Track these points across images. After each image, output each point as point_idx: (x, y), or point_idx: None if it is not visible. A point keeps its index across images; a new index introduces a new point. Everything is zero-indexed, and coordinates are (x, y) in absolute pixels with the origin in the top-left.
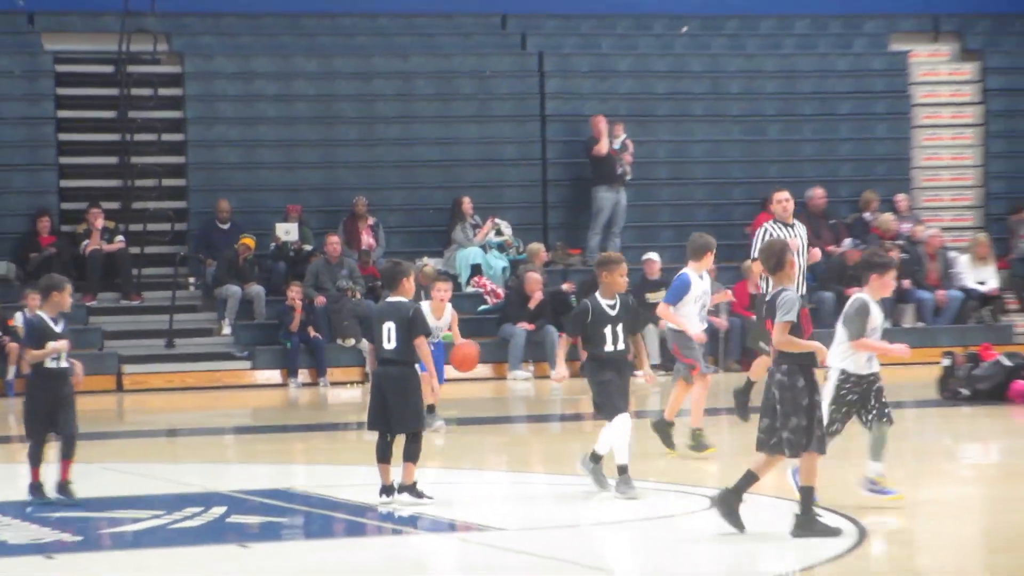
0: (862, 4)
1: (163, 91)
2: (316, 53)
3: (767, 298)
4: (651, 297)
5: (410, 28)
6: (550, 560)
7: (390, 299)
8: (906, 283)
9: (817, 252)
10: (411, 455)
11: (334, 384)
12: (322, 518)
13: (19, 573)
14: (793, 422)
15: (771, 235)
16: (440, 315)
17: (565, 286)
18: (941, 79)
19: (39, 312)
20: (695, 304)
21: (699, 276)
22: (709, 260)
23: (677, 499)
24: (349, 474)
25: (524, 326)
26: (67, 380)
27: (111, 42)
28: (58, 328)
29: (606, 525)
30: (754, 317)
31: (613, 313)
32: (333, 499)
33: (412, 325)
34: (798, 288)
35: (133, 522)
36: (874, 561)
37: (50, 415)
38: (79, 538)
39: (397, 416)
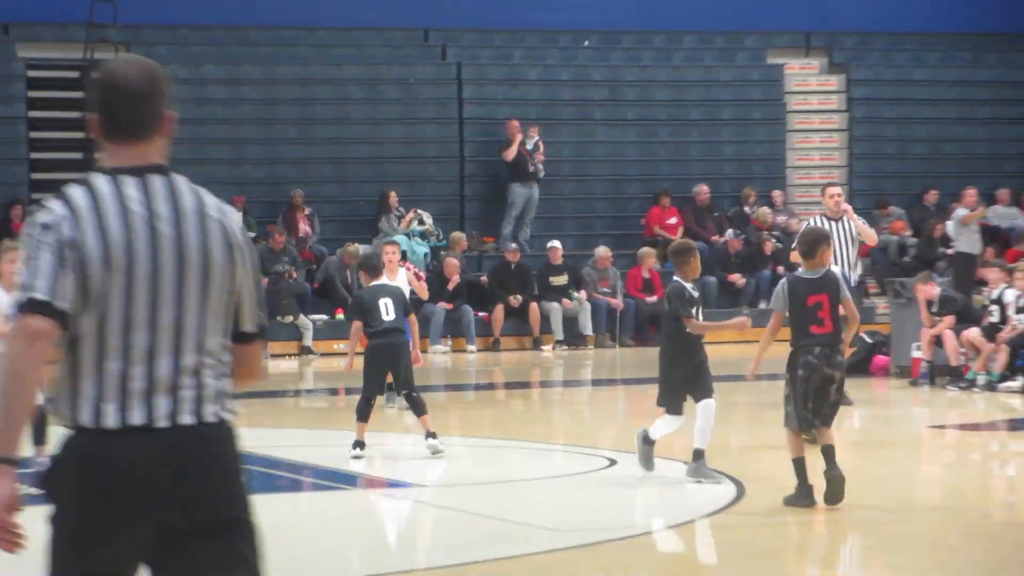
0: (742, 22)
1: None
2: (260, 61)
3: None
4: (554, 281)
5: (344, 40)
6: (469, 514)
7: (376, 283)
8: (780, 269)
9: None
10: (421, 409)
11: (274, 356)
12: (263, 475)
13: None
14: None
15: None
16: (394, 276)
17: (482, 279)
18: (811, 89)
19: None
20: None
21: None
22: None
23: (583, 459)
24: (288, 436)
25: (443, 305)
26: None
27: (77, 50)
28: None
29: (519, 482)
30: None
31: (697, 295)
32: (274, 458)
33: (406, 303)
34: (848, 280)
35: None
36: (755, 509)
37: None
38: None
39: (402, 379)
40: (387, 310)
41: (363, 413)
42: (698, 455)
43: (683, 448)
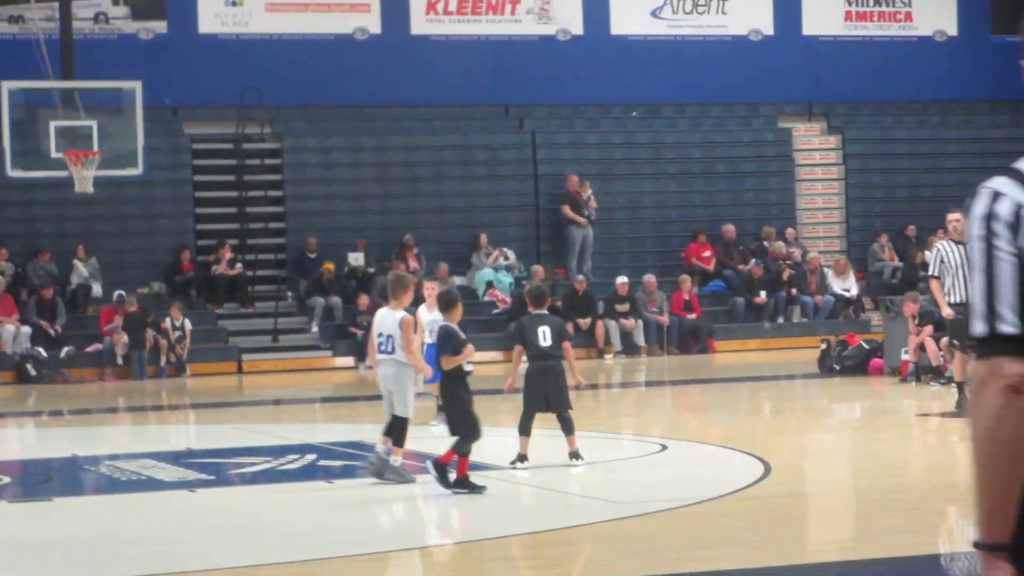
0: (758, 95)
1: (268, 161)
2: (375, 133)
3: None
4: (618, 307)
5: (441, 115)
6: (544, 490)
7: (535, 312)
8: (794, 291)
9: None
10: (569, 429)
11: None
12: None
13: (170, 502)
14: None
15: (943, 253)
16: (432, 307)
17: (557, 303)
18: (814, 147)
19: (450, 323)
20: None
21: None
22: None
23: (639, 445)
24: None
25: None
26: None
27: (231, 127)
28: (464, 336)
29: (587, 464)
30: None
31: None
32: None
33: (563, 330)
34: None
35: (251, 465)
36: (779, 484)
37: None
38: (213, 477)
39: (556, 399)
40: (544, 337)
41: (524, 428)
42: None
43: (718, 435)
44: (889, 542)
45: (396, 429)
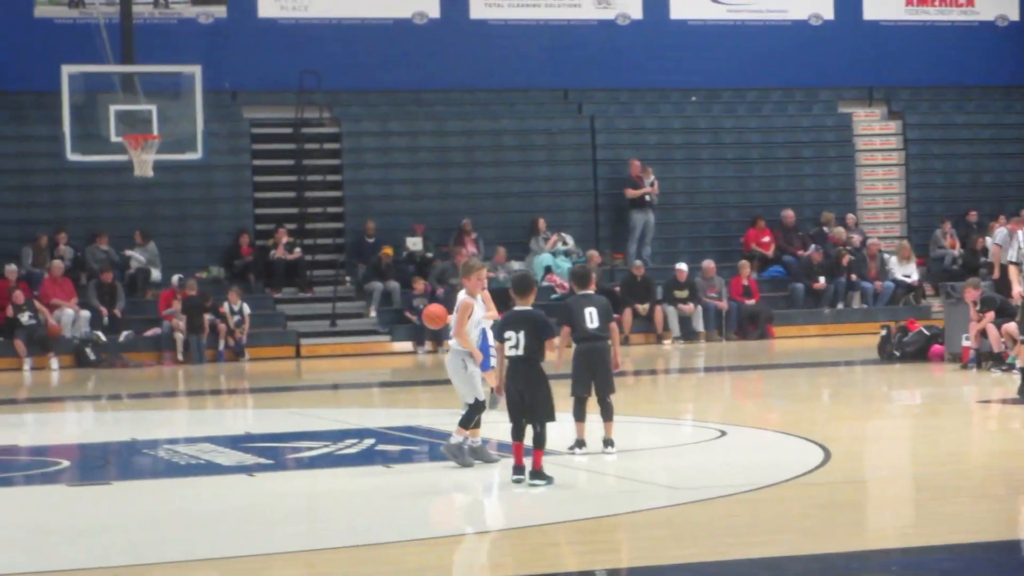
0: (818, 80)
1: (327, 145)
2: (433, 118)
3: None
4: (677, 294)
5: (499, 100)
6: (606, 475)
7: (581, 293)
8: (854, 276)
9: None
10: (608, 415)
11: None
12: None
13: (229, 486)
14: None
15: (1020, 240)
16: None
17: (616, 288)
18: (875, 133)
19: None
20: None
21: None
22: None
23: (698, 431)
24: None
25: None
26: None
27: (290, 111)
28: None
29: (646, 450)
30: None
31: None
32: (450, 433)
33: (610, 312)
34: None
35: (309, 450)
36: (839, 470)
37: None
38: (271, 461)
39: (602, 382)
40: (591, 318)
41: (579, 414)
42: None
43: (777, 421)
44: (949, 529)
45: (469, 414)
